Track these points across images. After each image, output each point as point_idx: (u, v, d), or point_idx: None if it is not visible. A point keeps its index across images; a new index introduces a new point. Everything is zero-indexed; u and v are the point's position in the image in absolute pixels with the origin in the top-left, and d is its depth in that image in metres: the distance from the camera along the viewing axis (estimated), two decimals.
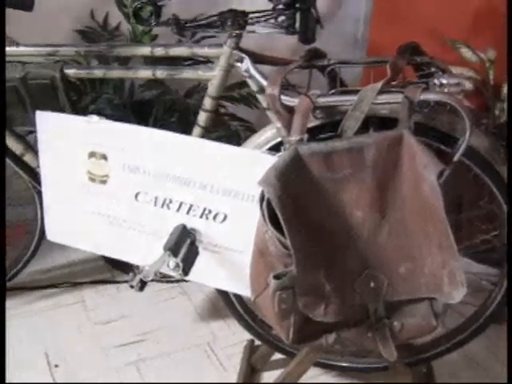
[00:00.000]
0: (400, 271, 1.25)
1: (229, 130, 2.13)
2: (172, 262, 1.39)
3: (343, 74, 1.41)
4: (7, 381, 1.63)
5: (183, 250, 1.43)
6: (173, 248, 1.40)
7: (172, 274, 1.42)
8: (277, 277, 1.20)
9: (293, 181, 1.20)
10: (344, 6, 2.48)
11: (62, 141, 1.50)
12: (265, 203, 1.20)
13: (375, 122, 1.31)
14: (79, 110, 1.51)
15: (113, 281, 2.15)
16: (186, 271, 1.42)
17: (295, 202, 1.20)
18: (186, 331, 1.95)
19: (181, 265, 1.39)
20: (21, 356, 1.84)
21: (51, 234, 1.66)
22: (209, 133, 1.77)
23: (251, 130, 2.05)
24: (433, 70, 1.33)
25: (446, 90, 1.25)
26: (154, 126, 2.02)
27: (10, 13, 1.47)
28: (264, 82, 1.35)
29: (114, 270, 2.16)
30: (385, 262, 1.25)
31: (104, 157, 1.48)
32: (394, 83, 1.26)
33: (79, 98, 1.96)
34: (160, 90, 2.05)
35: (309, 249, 1.19)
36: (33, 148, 1.65)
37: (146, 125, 1.48)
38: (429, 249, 1.21)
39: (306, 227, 1.20)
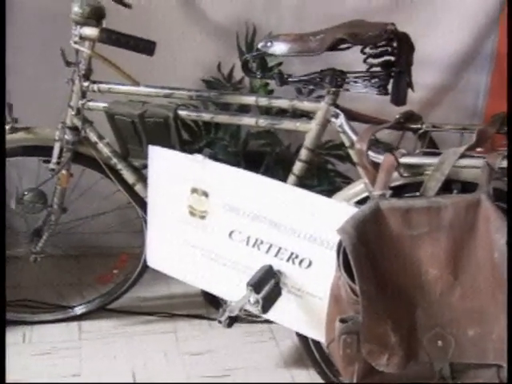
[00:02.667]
0: (469, 334, 1.27)
1: (333, 185, 2.21)
2: (253, 297, 1.48)
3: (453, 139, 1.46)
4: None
5: (266, 289, 1.51)
6: (255, 285, 1.48)
7: (252, 309, 1.50)
8: (343, 320, 1.25)
9: (370, 232, 1.26)
10: (466, 79, 2.51)
11: (169, 175, 1.64)
12: (341, 250, 1.27)
13: (458, 185, 1.35)
14: (194, 151, 1.63)
15: (207, 317, 2.24)
16: (265, 309, 1.49)
17: (370, 253, 1.25)
18: (267, 373, 2.00)
19: (261, 301, 1.47)
20: (110, 369, 1.97)
21: (151, 261, 1.80)
22: (313, 187, 1.86)
23: None
24: None
25: None
26: (263, 175, 2.13)
27: (146, 59, 1.64)
28: (354, 138, 1.43)
29: (210, 307, 2.25)
30: (455, 323, 1.27)
31: (205, 194, 1.60)
32: (479, 149, 1.31)
33: (194, 141, 2.12)
34: (268, 141, 2.17)
35: (378, 298, 1.24)
36: (144, 179, 1.78)
37: None
38: (497, 315, 1.23)
39: (378, 277, 1.25)
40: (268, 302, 1.51)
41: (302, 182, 1.61)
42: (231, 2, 2.27)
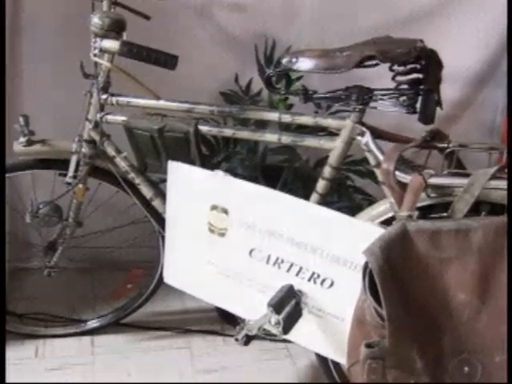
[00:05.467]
0: (496, 360, 1.23)
1: (353, 202, 2.18)
2: (274, 318, 1.44)
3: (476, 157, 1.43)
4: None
5: (286, 309, 1.48)
6: (276, 305, 1.45)
7: (272, 330, 1.47)
8: (369, 345, 1.22)
9: (397, 254, 1.23)
10: (484, 95, 2.49)
11: (189, 191, 1.62)
12: (367, 272, 1.24)
13: (487, 207, 1.32)
14: (212, 165, 1.61)
15: (221, 333, 2.21)
16: (286, 330, 1.46)
17: (396, 275, 1.22)
18: None
19: (282, 322, 1.44)
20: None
21: (168, 277, 1.77)
22: (332, 203, 1.83)
23: (373, 203, 2.09)
24: None
25: None
26: (282, 190, 2.10)
27: (160, 71, 1.62)
28: (381, 157, 1.40)
29: (225, 323, 2.23)
30: (482, 349, 1.24)
31: (225, 211, 1.57)
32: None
33: (212, 155, 2.09)
34: (287, 156, 2.14)
35: (404, 322, 1.21)
36: (163, 195, 1.76)
37: (274, 189, 1.56)
38: None
39: (405, 301, 1.22)
40: (289, 323, 1.48)
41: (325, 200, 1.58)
42: (249, 14, 2.26)
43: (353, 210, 2.09)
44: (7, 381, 1.88)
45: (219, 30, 2.27)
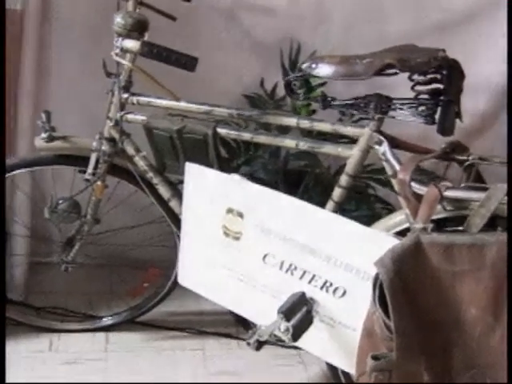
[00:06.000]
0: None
1: (372, 210, 2.16)
2: (283, 325, 1.43)
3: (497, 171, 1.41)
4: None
5: (297, 316, 1.46)
6: (286, 312, 1.44)
7: (282, 336, 1.46)
8: (375, 357, 1.20)
9: (409, 266, 1.21)
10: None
11: (205, 193, 1.61)
12: (378, 284, 1.22)
13: (503, 222, 1.29)
14: (231, 169, 1.61)
15: (236, 336, 2.21)
16: (295, 337, 1.45)
17: (407, 288, 1.20)
18: None
19: (291, 329, 1.43)
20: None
21: (182, 278, 1.76)
22: (351, 211, 1.81)
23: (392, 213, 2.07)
24: None
25: None
26: (302, 196, 2.09)
27: (185, 73, 1.62)
28: (397, 167, 1.38)
29: (240, 326, 2.22)
30: (494, 366, 1.21)
31: (240, 214, 1.57)
32: None
33: (232, 158, 2.09)
34: (307, 162, 2.13)
35: (413, 336, 1.19)
36: (180, 195, 1.76)
37: (295, 194, 1.55)
38: None
39: (415, 314, 1.20)
40: (299, 331, 1.46)
41: (341, 207, 1.56)
42: (277, 18, 2.26)
43: (372, 218, 2.07)
44: (17, 373, 1.92)
45: (246, 33, 2.28)
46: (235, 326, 2.22)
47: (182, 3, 1.92)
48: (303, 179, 2.19)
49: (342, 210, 1.62)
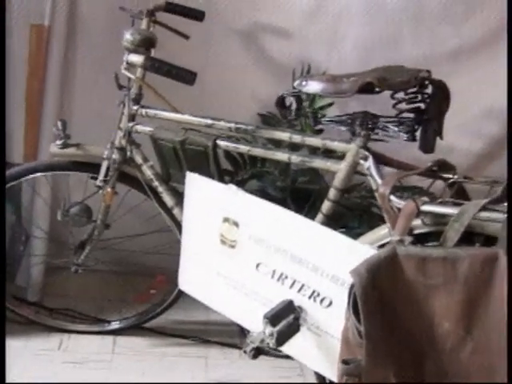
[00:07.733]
0: None
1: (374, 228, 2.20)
2: (268, 329, 1.48)
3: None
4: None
5: (283, 323, 1.51)
6: (271, 317, 1.48)
7: (268, 341, 1.50)
8: (345, 362, 1.25)
9: (384, 277, 1.25)
10: None
11: (204, 202, 1.68)
12: (353, 292, 1.27)
13: (481, 239, 1.33)
14: (235, 182, 1.66)
15: (239, 346, 2.25)
16: (279, 342, 1.49)
17: (382, 298, 1.24)
18: None
19: (275, 335, 1.47)
20: None
21: (182, 284, 1.83)
22: (353, 228, 1.85)
23: None
24: None
25: None
26: (308, 213, 2.13)
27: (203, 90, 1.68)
28: (379, 181, 1.43)
29: (244, 337, 2.26)
30: (464, 378, 1.24)
31: (236, 224, 1.63)
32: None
33: (236, 171, 2.15)
34: (309, 178, 2.18)
35: (384, 343, 1.22)
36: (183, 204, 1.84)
37: (302, 212, 1.58)
38: (505, 372, 1.19)
39: (388, 323, 1.24)
40: (283, 336, 1.50)
41: (330, 221, 1.61)
42: (293, 40, 2.32)
43: None
44: (25, 369, 1.99)
45: (262, 53, 2.34)
46: (240, 337, 2.27)
47: (200, 24, 2.00)
48: (310, 197, 2.23)
49: (345, 227, 1.66)
